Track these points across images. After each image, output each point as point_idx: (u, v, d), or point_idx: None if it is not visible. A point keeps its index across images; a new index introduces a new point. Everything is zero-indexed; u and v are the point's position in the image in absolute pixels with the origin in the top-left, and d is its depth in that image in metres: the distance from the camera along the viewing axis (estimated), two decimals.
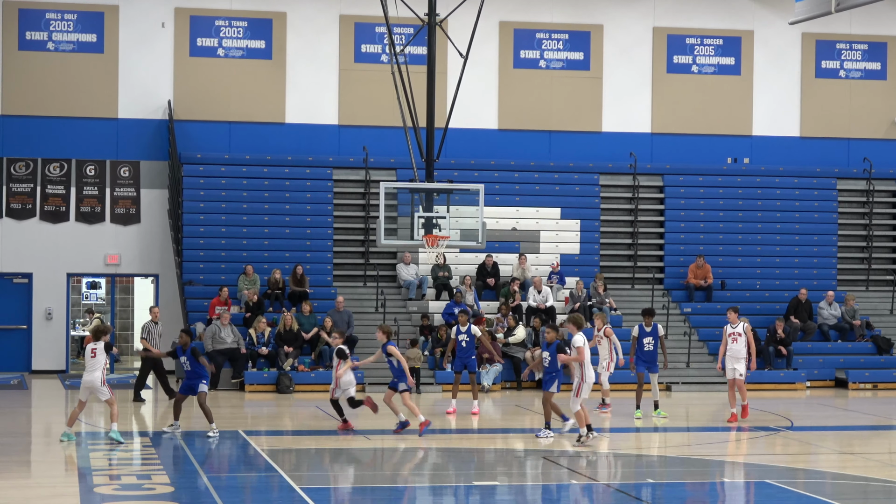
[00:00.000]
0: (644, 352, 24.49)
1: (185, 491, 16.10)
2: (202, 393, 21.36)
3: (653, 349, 24.50)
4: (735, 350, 23.77)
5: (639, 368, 24.55)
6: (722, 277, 34.34)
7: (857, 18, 36.12)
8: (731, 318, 24.07)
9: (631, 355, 24.90)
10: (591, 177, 35.04)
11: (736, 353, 23.76)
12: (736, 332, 23.81)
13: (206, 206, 33.07)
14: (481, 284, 32.69)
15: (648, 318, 24.66)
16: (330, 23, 34.38)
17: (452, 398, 25.41)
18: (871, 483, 17.30)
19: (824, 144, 36.52)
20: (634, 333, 24.72)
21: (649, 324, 24.60)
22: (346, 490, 16.82)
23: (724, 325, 24.21)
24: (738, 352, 23.77)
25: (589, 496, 16.37)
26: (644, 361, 24.48)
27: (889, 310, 34.50)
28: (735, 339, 23.80)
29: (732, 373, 23.75)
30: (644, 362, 24.48)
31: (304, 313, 30.36)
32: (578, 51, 35.44)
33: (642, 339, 24.50)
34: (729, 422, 23.49)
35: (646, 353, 24.49)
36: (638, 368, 24.57)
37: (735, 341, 23.80)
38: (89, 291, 37.60)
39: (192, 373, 21.69)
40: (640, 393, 24.53)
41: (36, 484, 17.01)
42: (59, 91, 33.09)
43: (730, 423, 23.42)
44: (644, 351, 24.49)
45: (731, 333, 23.86)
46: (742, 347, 23.76)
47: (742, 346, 23.78)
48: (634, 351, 24.62)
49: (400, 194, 27.73)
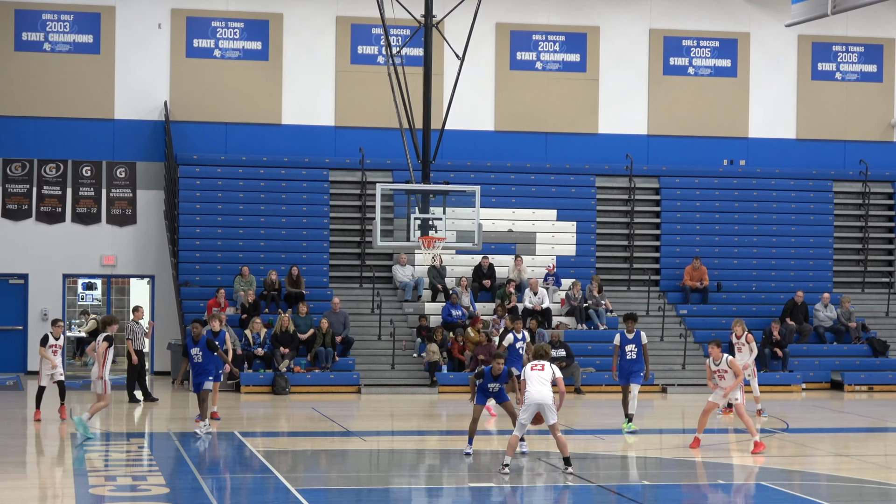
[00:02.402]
0: (626, 361, 22.43)
1: (180, 492, 16.10)
2: (205, 391, 21.40)
3: (636, 357, 22.44)
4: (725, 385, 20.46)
5: (620, 380, 22.57)
6: (718, 279, 34.35)
7: (854, 21, 36.12)
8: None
9: (613, 366, 22.67)
10: (587, 178, 35.05)
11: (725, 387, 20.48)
12: (721, 370, 20.48)
13: (203, 207, 33.06)
14: (477, 286, 32.69)
15: (631, 323, 22.71)
16: (326, 24, 34.38)
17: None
18: (866, 485, 17.30)
19: (820, 146, 36.54)
20: (616, 342, 22.61)
21: (631, 330, 22.61)
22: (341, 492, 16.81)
23: (707, 360, 21.12)
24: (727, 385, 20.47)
25: (585, 498, 16.37)
26: (626, 371, 22.42)
27: (885, 312, 34.52)
28: (722, 377, 20.49)
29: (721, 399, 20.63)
30: (627, 372, 22.41)
31: (300, 314, 30.36)
32: (575, 52, 35.45)
33: (624, 347, 22.51)
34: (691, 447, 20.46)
35: (628, 362, 22.42)
36: (620, 380, 22.60)
37: (722, 378, 20.49)
38: (85, 292, 37.59)
39: (199, 367, 21.68)
40: (626, 402, 22.48)
41: (32, 485, 17.00)
42: (56, 92, 33.08)
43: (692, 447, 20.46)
44: (626, 360, 22.44)
45: (717, 371, 20.58)
46: (729, 382, 20.40)
47: (730, 380, 20.39)
48: (616, 361, 22.52)
49: (396, 196, 27.73)
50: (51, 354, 23.44)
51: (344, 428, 22.91)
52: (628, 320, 22.83)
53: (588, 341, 31.50)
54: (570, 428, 24.08)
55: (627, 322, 22.80)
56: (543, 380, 17.67)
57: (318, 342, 29.92)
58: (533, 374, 17.75)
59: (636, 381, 22.41)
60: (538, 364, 17.93)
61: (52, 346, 23.52)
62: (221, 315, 29.39)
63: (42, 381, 23.39)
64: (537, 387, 17.63)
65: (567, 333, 31.29)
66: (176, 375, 30.53)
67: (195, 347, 21.77)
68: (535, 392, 17.61)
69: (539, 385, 17.64)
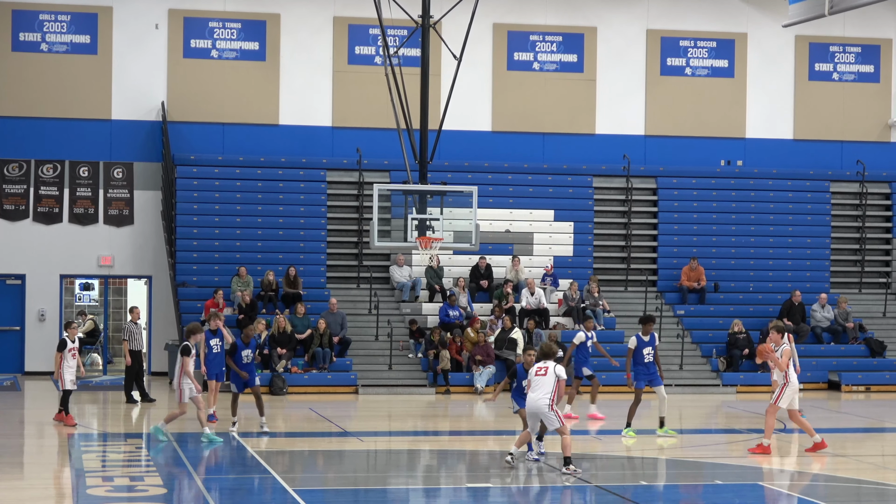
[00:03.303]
0: (644, 364, 21.80)
1: (177, 493, 16.09)
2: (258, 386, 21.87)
3: (652, 360, 21.86)
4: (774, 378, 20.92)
5: (639, 385, 21.89)
6: (715, 280, 34.36)
7: (851, 21, 36.14)
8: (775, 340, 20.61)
9: (627, 370, 22.02)
10: (584, 179, 35.05)
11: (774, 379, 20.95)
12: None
13: (200, 207, 33.06)
14: (475, 286, 32.69)
15: (648, 325, 21.94)
16: (324, 24, 34.37)
17: (592, 403, 24.75)
18: (863, 485, 17.31)
19: (817, 147, 36.55)
20: (632, 345, 21.84)
21: (648, 332, 21.88)
22: (338, 492, 16.81)
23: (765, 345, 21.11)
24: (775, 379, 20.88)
25: (582, 498, 16.37)
26: (645, 375, 21.85)
27: (882, 312, 34.54)
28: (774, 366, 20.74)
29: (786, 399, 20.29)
30: (645, 376, 21.85)
31: (297, 315, 30.35)
32: (572, 53, 35.45)
33: (641, 350, 21.75)
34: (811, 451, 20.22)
35: (646, 365, 21.82)
36: (638, 385, 21.90)
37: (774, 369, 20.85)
38: (82, 293, 37.55)
39: (248, 367, 22.09)
40: (634, 410, 21.94)
41: (29, 485, 16.99)
42: (53, 92, 33.07)
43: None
44: (644, 363, 21.80)
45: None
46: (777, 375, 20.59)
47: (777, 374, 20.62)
48: (630, 364, 21.91)
49: (393, 196, 27.73)
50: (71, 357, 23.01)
51: (341, 428, 22.91)
52: (647, 322, 22.04)
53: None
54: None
55: (646, 324, 21.99)
56: (542, 385, 17.50)
57: (316, 343, 29.92)
58: (534, 380, 17.63)
59: (659, 382, 21.90)
60: (542, 368, 17.70)
61: (71, 349, 23.12)
62: (220, 315, 29.41)
63: (66, 385, 22.77)
64: (531, 394, 17.59)
65: (564, 334, 31.26)
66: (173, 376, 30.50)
67: (247, 349, 22.05)
68: (530, 400, 17.59)
69: (532, 392, 17.58)
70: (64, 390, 22.84)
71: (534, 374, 17.72)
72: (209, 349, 22.86)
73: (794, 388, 20.03)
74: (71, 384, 22.87)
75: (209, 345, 22.86)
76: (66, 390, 22.83)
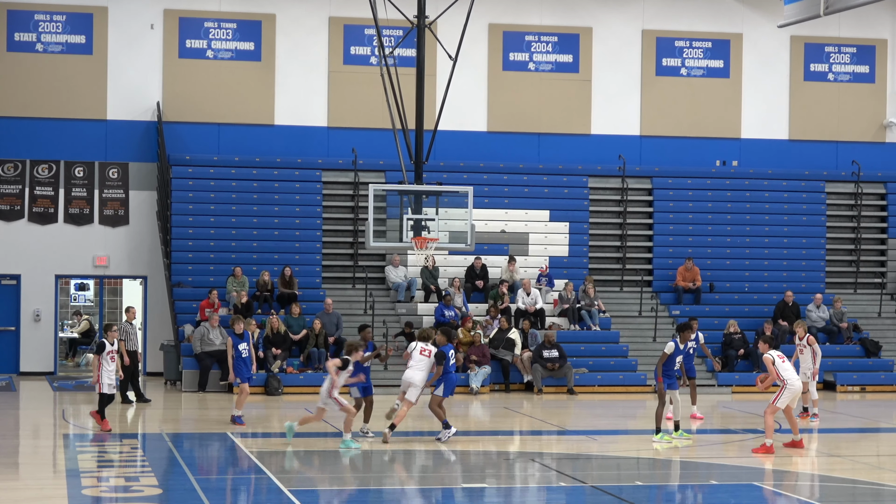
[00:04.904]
0: (674, 370, 21.48)
1: (172, 493, 16.09)
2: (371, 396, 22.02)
3: (678, 367, 21.64)
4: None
5: (674, 386, 21.55)
6: (710, 280, 34.37)
7: (846, 21, 36.17)
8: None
9: (659, 375, 21.40)
10: (580, 179, 35.05)
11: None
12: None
13: (195, 207, 33.04)
14: (470, 287, 32.69)
15: (686, 332, 21.59)
16: (319, 25, 34.37)
17: (692, 404, 24.81)
18: (858, 486, 17.32)
19: (813, 147, 36.58)
20: (668, 350, 21.28)
21: (685, 340, 21.60)
22: (333, 492, 16.80)
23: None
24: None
25: (578, 498, 16.37)
26: (667, 379, 21.43)
27: (877, 312, 34.56)
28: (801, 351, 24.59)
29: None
30: (667, 379, 21.43)
31: (293, 315, 30.34)
32: (567, 53, 35.46)
33: (674, 358, 21.33)
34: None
35: (676, 371, 21.58)
36: (674, 386, 21.53)
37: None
38: (78, 293, 37.55)
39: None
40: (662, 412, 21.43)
41: (24, 486, 16.97)
42: (48, 92, 33.04)
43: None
44: (672, 369, 21.43)
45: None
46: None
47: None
48: (661, 370, 21.35)
49: (389, 196, 27.76)
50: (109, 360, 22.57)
51: (337, 429, 22.89)
52: (684, 330, 21.66)
53: (581, 342, 31.51)
54: (564, 428, 24.12)
55: (683, 332, 21.62)
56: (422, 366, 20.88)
57: (311, 343, 29.92)
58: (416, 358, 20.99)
59: (676, 387, 21.58)
60: (426, 349, 20.92)
61: (110, 352, 22.70)
62: (215, 316, 29.44)
63: (104, 389, 22.12)
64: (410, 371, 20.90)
65: (560, 334, 31.29)
66: (172, 377, 30.53)
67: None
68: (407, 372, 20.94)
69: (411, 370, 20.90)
70: (101, 394, 22.23)
71: (418, 353, 20.94)
72: (237, 353, 22.93)
73: (792, 390, 20.27)
74: (109, 388, 22.20)
75: (237, 349, 22.93)
76: (102, 394, 22.22)
